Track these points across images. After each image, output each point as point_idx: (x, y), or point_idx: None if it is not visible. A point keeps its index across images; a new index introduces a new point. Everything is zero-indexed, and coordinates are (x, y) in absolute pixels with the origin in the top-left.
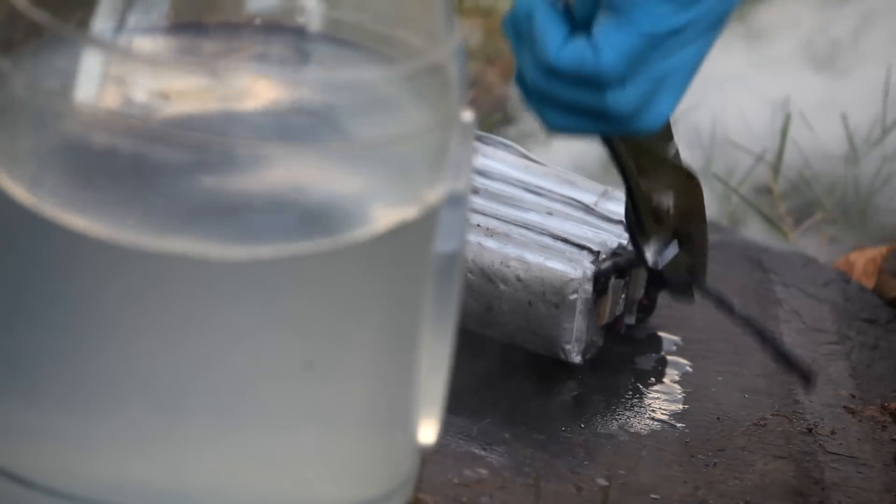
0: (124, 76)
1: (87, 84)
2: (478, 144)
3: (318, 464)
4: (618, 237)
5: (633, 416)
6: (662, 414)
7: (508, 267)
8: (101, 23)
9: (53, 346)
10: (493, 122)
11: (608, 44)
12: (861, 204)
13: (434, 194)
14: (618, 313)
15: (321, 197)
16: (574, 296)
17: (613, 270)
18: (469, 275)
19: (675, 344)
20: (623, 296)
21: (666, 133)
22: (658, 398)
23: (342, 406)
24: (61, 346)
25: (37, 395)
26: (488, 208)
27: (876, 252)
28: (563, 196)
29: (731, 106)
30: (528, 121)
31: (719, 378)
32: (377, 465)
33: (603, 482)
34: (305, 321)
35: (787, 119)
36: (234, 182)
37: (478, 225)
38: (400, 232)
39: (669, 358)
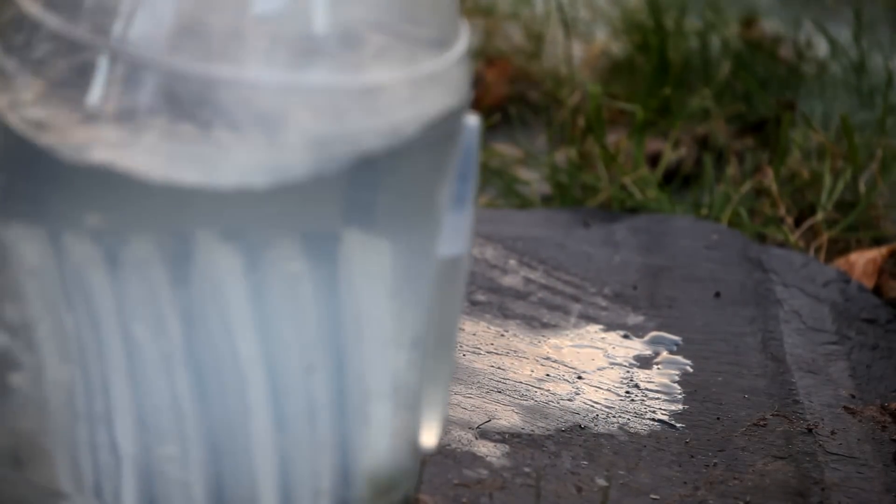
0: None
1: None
2: None
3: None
4: None
5: (633, 416)
6: (662, 414)
7: None
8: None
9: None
10: (493, 122)
11: None
12: (861, 204)
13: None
14: None
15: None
16: None
17: None
18: None
19: (676, 344)
20: None
21: None
22: (658, 398)
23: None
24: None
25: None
26: None
27: (876, 252)
28: None
29: None
30: (527, 121)
31: (719, 378)
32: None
33: (603, 482)
34: (304, 326)
35: (787, 118)
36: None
37: None
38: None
39: (669, 358)
